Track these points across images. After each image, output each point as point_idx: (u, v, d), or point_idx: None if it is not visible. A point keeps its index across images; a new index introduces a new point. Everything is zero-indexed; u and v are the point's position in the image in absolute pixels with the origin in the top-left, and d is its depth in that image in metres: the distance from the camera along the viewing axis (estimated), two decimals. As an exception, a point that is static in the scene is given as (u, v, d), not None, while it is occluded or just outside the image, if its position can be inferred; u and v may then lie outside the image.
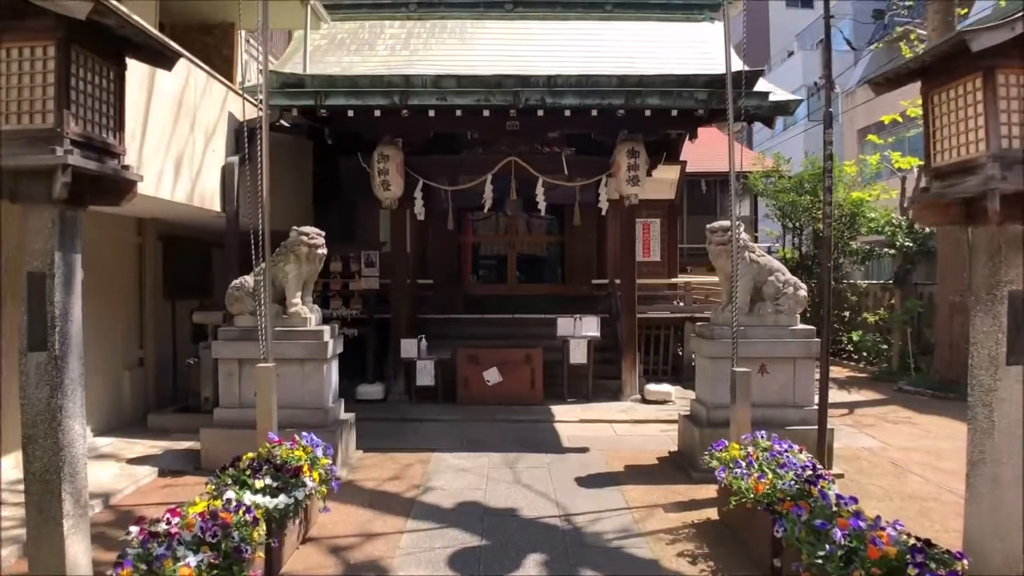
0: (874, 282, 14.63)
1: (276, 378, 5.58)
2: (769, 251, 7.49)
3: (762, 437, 5.00)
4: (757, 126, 18.13)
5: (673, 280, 13.11)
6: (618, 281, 11.00)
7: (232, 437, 6.16)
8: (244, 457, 4.80)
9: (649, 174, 10.05)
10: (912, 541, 3.25)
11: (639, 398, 9.83)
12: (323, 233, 6.88)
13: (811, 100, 26.20)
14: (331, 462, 5.09)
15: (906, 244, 12.51)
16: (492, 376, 9.63)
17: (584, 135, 10.14)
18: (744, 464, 4.62)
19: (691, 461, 6.43)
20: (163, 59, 3.85)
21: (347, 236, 12.27)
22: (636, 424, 8.57)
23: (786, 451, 4.66)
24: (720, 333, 6.42)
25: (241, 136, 7.45)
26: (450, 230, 11.10)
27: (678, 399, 9.69)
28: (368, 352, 10.52)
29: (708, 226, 6.84)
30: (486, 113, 8.89)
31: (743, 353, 5.76)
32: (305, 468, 4.69)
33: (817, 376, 6.33)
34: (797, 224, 15.04)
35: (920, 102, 11.11)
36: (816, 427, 5.99)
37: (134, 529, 3.54)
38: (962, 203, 3.37)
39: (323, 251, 6.84)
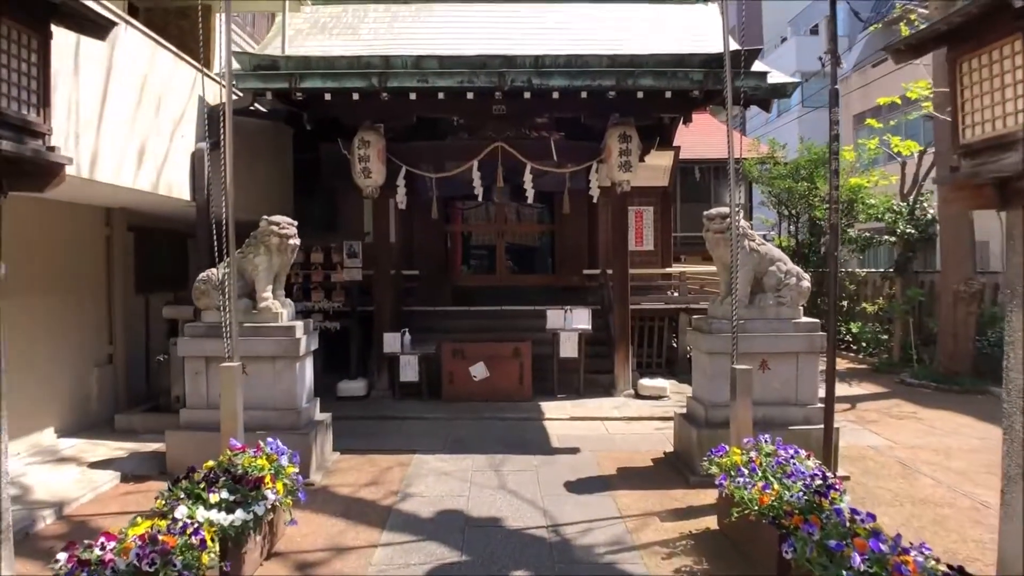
0: (872, 271, 14.29)
1: (242, 378, 5.22)
2: (764, 239, 7.12)
3: (765, 440, 4.62)
4: (751, 111, 17.72)
5: (667, 270, 12.79)
6: (610, 271, 10.60)
7: (199, 440, 5.84)
8: (203, 466, 4.42)
9: (642, 160, 9.67)
10: (943, 568, 2.87)
11: (632, 393, 9.45)
12: (295, 222, 6.42)
13: (804, 86, 25.79)
14: (298, 471, 4.69)
15: (907, 231, 12.15)
16: (479, 371, 9.23)
17: (574, 119, 9.68)
18: (747, 472, 4.24)
19: (688, 464, 6.05)
20: (95, 27, 3.41)
21: (329, 226, 11.87)
22: (629, 422, 8.18)
23: (792, 457, 4.27)
24: (718, 327, 6.03)
25: (212, 121, 7.01)
26: (436, 219, 10.68)
27: (673, 394, 9.34)
28: (351, 346, 10.14)
29: (705, 213, 6.44)
30: (470, 96, 8.46)
31: (743, 348, 5.37)
32: (267, 479, 4.29)
33: (822, 371, 5.96)
34: (793, 212, 14.75)
35: (921, 83, 10.58)
36: (821, 426, 5.61)
37: (62, 556, 3.15)
38: (996, 184, 2.96)
39: (295, 242, 6.39)
